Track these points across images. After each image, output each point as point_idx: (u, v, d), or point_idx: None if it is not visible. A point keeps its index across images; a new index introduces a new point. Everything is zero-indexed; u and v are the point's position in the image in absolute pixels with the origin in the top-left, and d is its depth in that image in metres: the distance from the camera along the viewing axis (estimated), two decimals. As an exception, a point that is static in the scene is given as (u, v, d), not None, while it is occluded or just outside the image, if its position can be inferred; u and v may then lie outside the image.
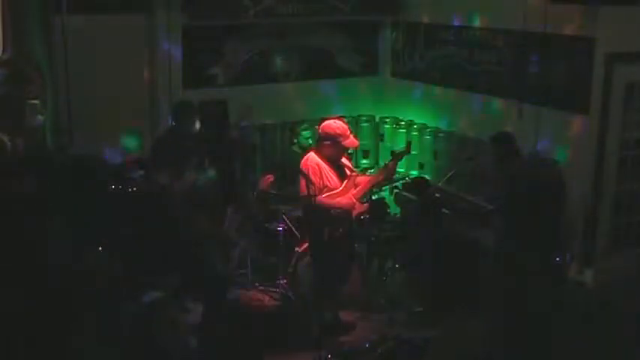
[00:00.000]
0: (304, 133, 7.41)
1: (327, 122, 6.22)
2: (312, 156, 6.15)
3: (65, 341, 5.20)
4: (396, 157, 6.37)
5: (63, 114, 7.26)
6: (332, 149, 6.10)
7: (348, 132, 6.18)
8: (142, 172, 6.90)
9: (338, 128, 6.09)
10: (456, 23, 8.12)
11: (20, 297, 5.50)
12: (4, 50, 6.58)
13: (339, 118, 6.68)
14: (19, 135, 6.54)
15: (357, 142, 6.36)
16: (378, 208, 7.43)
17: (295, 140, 7.50)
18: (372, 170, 8.59)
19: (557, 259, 5.98)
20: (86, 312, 5.68)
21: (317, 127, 6.65)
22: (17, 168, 6.15)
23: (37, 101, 6.71)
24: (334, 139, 6.07)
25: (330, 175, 6.10)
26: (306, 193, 5.86)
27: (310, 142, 7.32)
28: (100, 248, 6.21)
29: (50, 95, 7.05)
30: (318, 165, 6.05)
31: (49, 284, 5.84)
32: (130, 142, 7.59)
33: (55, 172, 6.36)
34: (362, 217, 6.76)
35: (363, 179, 6.33)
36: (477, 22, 7.86)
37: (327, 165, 6.10)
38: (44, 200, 5.72)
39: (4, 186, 5.68)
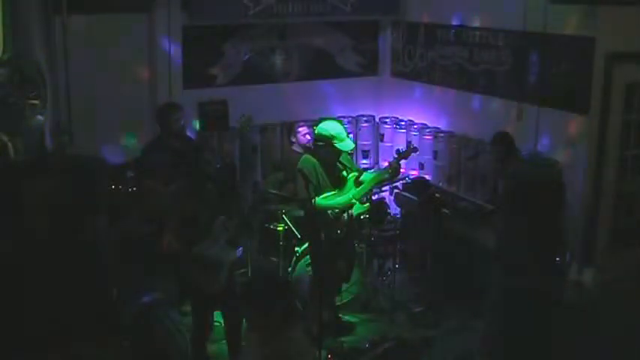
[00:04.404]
0: (301, 130, 7.44)
1: (322, 123, 6.21)
2: (307, 157, 6.14)
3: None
4: (402, 156, 6.35)
5: (63, 114, 7.26)
6: (326, 151, 6.08)
7: (344, 134, 6.15)
8: (131, 174, 6.91)
9: (332, 130, 6.08)
10: (456, 23, 8.12)
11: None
12: (4, 50, 6.58)
13: (336, 120, 6.67)
14: (19, 135, 6.54)
15: (352, 145, 6.31)
16: (378, 208, 7.44)
17: (293, 139, 7.50)
18: (372, 170, 8.60)
19: (557, 259, 5.98)
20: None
21: (314, 127, 6.65)
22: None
23: (37, 101, 6.71)
24: (328, 140, 6.05)
25: (325, 176, 6.09)
26: (305, 193, 5.86)
27: (309, 137, 7.36)
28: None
29: (50, 95, 7.05)
30: (313, 166, 6.04)
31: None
32: (130, 142, 7.59)
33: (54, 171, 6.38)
34: (362, 217, 6.77)
35: (365, 179, 6.31)
36: (476, 22, 7.86)
37: (323, 166, 6.09)
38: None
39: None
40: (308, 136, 7.38)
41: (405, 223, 7.70)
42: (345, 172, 6.26)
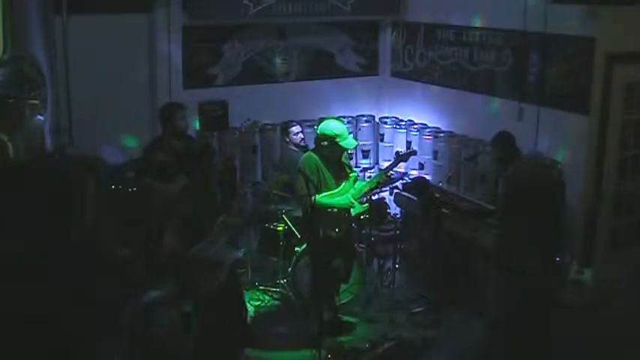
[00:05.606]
0: (292, 129, 7.46)
1: (325, 122, 6.21)
2: (309, 155, 6.14)
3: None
4: (401, 159, 6.34)
5: (63, 114, 7.26)
6: (330, 150, 6.09)
7: (347, 132, 6.17)
8: (131, 174, 6.90)
9: (336, 129, 6.08)
10: (456, 23, 8.12)
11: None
12: (4, 50, 6.57)
13: (337, 119, 6.68)
14: (19, 135, 6.54)
15: (355, 143, 6.34)
16: (378, 208, 7.44)
17: (287, 139, 7.51)
18: (372, 170, 8.61)
19: (557, 259, 5.98)
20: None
21: (315, 127, 6.65)
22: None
23: (37, 101, 6.71)
24: (332, 139, 6.06)
25: (327, 175, 6.10)
26: (305, 192, 5.86)
27: (301, 136, 7.36)
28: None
29: (50, 95, 7.05)
30: (315, 164, 6.04)
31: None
32: (130, 142, 7.58)
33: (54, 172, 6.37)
34: (362, 217, 6.76)
35: (358, 186, 6.32)
36: (477, 22, 7.86)
37: (325, 165, 6.09)
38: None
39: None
40: (301, 135, 7.41)
41: (405, 223, 7.70)
42: (347, 170, 6.28)
